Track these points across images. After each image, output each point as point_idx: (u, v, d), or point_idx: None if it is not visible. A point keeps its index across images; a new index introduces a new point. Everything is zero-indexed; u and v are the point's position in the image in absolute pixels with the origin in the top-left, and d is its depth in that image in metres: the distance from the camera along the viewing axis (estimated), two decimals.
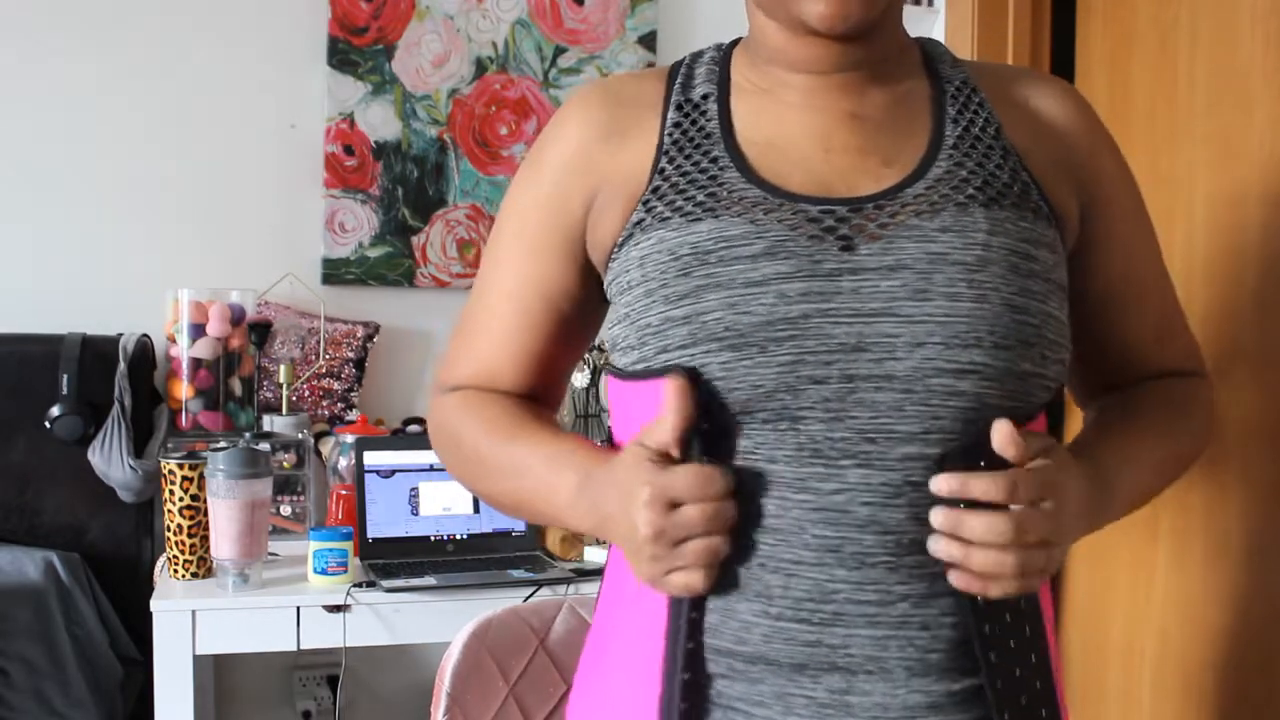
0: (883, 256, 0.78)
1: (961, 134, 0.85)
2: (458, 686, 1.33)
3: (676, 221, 0.82)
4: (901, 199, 0.81)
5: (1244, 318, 1.58)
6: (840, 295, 0.77)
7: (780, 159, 0.84)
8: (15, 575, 2.05)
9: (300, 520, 2.13)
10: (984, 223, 0.80)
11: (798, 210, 0.80)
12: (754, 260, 0.78)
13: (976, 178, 0.83)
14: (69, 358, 2.19)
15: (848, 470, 0.77)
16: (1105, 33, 1.86)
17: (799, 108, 0.87)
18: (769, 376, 0.76)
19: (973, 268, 0.78)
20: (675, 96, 0.89)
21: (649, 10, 2.68)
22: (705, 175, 0.83)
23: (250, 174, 2.49)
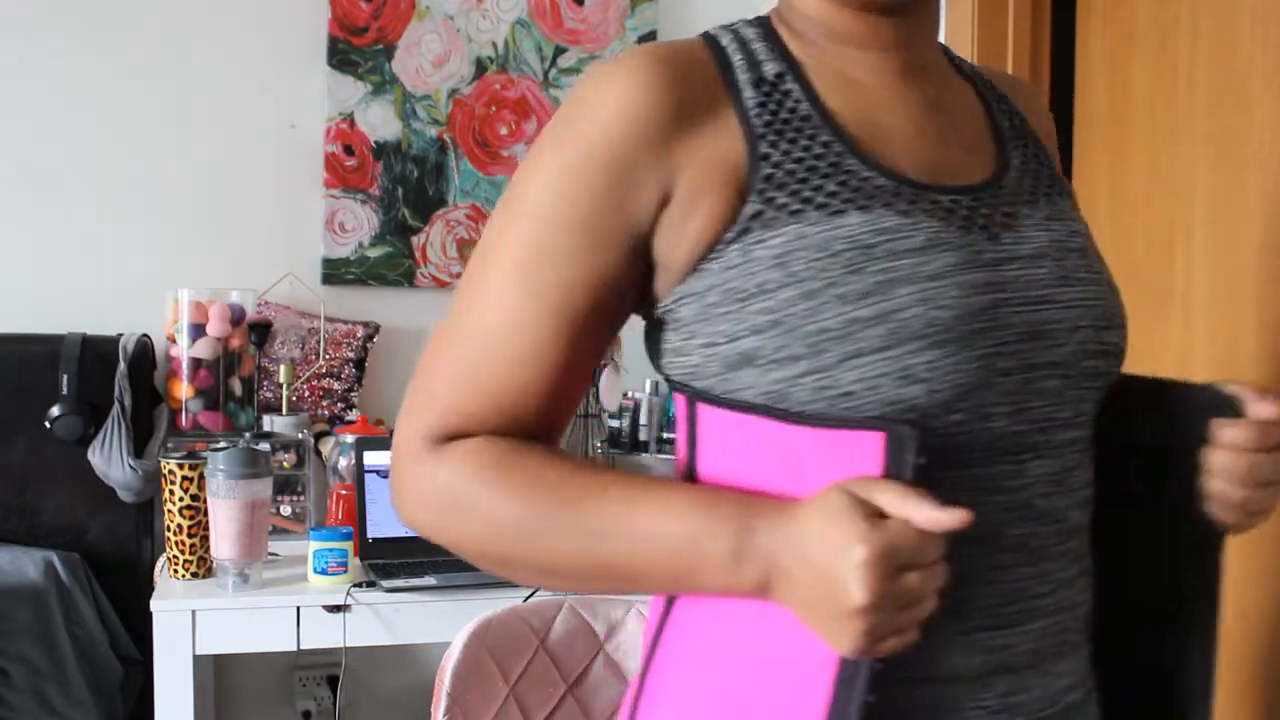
0: (1021, 245, 0.78)
1: (1007, 126, 0.87)
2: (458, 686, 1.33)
3: (813, 214, 0.74)
4: (1004, 189, 0.81)
5: (1244, 317, 1.58)
6: (1010, 285, 0.75)
7: (884, 145, 0.79)
8: (15, 575, 2.05)
9: (300, 520, 2.13)
10: (1070, 211, 0.84)
11: (934, 200, 0.76)
12: (922, 253, 0.73)
13: (1042, 170, 0.85)
14: (69, 358, 2.19)
15: (1029, 463, 0.75)
16: (1105, 33, 1.86)
17: (882, 89, 0.82)
18: (971, 372, 0.72)
19: (1086, 254, 0.81)
20: (744, 74, 0.80)
21: (649, 10, 2.68)
22: (824, 163, 0.76)
23: (250, 174, 2.49)
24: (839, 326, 0.71)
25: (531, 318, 0.77)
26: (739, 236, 0.75)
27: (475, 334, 0.79)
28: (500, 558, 0.79)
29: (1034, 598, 0.76)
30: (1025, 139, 0.87)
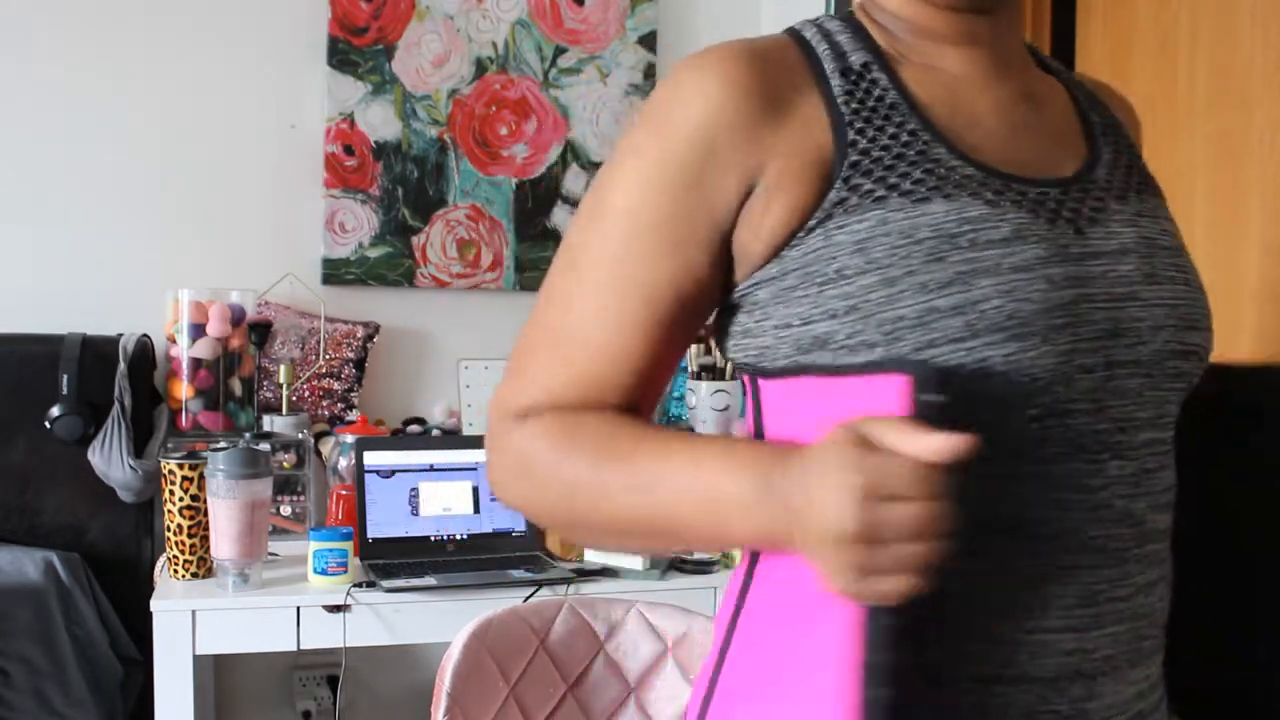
0: (1108, 240, 0.77)
1: (1097, 121, 0.86)
2: (458, 686, 1.33)
3: (897, 201, 0.73)
4: (1092, 183, 0.80)
5: (1244, 317, 1.58)
6: (1094, 280, 0.74)
7: (972, 134, 0.79)
8: (15, 575, 2.05)
9: (300, 520, 2.13)
10: (1162, 209, 0.83)
11: (1022, 191, 0.76)
12: (1008, 244, 0.72)
13: (1133, 166, 0.84)
14: (69, 358, 2.19)
15: (1107, 463, 0.74)
16: (1105, 33, 1.86)
17: (971, 81, 0.81)
18: (1049, 367, 0.72)
19: (1175, 252, 0.80)
20: (830, 64, 0.79)
21: (649, 10, 2.68)
22: (912, 150, 0.75)
23: (250, 174, 2.49)
24: (916, 315, 0.71)
25: (617, 315, 0.78)
26: (821, 222, 0.75)
27: (566, 325, 0.80)
28: (566, 519, 0.80)
29: (1112, 600, 0.74)
30: (1117, 135, 0.86)
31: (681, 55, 0.82)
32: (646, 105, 0.81)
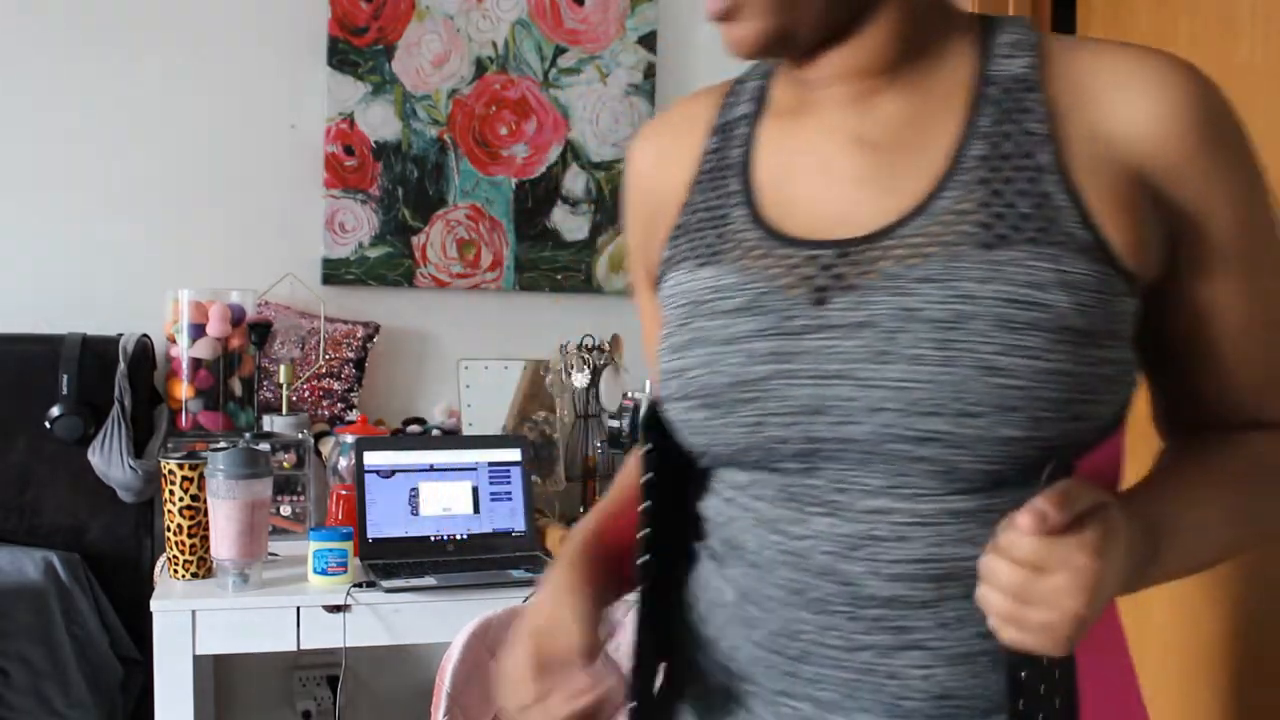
0: (852, 312, 0.73)
1: (987, 152, 0.74)
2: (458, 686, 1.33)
3: (689, 265, 0.82)
4: (892, 240, 0.74)
5: None
6: (803, 356, 0.74)
7: (788, 191, 0.80)
8: (15, 575, 2.05)
9: (300, 520, 2.13)
10: (975, 269, 0.71)
11: (787, 257, 0.77)
12: (732, 315, 0.77)
13: (985, 210, 0.72)
14: (69, 358, 2.19)
15: (815, 518, 0.75)
16: (1105, 33, 1.86)
17: (811, 129, 0.81)
18: (739, 435, 0.77)
19: (945, 325, 0.70)
20: (720, 117, 0.86)
21: (649, 10, 2.68)
22: (718, 213, 0.82)
23: (250, 174, 2.49)
24: (663, 373, 0.81)
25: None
26: (660, 277, 0.86)
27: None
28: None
29: (823, 646, 0.76)
30: (1008, 163, 0.74)
31: (681, 55, 0.88)
32: None
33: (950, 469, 0.72)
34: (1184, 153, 0.74)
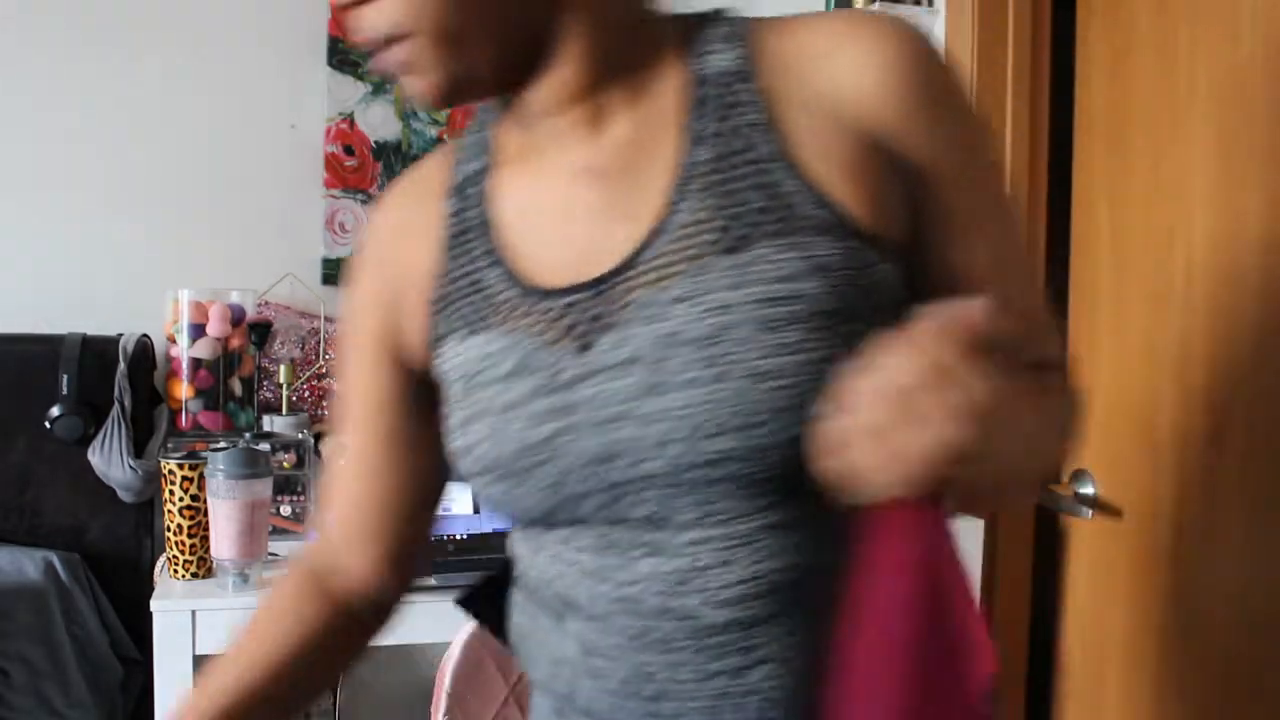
0: (616, 351, 0.71)
1: (712, 155, 0.72)
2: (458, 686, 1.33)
3: (458, 335, 0.78)
4: (639, 266, 0.71)
5: (1244, 318, 1.58)
6: (581, 406, 0.72)
7: (534, 240, 0.77)
8: (15, 575, 2.05)
9: (300, 520, 2.13)
10: (724, 277, 0.68)
11: (548, 310, 0.74)
12: (506, 381, 0.74)
13: (722, 214, 0.70)
14: (69, 358, 2.19)
15: (639, 561, 0.73)
16: (1105, 33, 1.86)
17: (541, 171, 0.78)
18: (541, 499, 0.75)
19: (708, 342, 0.68)
20: (454, 178, 0.82)
21: None
22: (472, 278, 0.78)
23: (250, 174, 2.49)
24: (453, 453, 0.79)
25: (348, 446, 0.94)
26: (434, 353, 0.82)
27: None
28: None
29: (678, 682, 0.74)
30: (736, 161, 0.71)
31: None
32: None
33: (751, 484, 0.70)
34: (903, 109, 0.72)
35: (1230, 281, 1.60)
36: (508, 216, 0.79)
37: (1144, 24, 1.76)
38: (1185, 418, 1.68)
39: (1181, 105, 1.68)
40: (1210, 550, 1.63)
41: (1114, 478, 1.83)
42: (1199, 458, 1.66)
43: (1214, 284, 1.63)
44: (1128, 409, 1.79)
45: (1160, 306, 1.72)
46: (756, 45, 0.74)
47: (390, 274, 0.84)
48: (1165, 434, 1.72)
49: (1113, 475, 1.83)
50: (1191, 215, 1.67)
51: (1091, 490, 1.86)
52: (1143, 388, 1.76)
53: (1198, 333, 1.65)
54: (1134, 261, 1.78)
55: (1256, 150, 1.55)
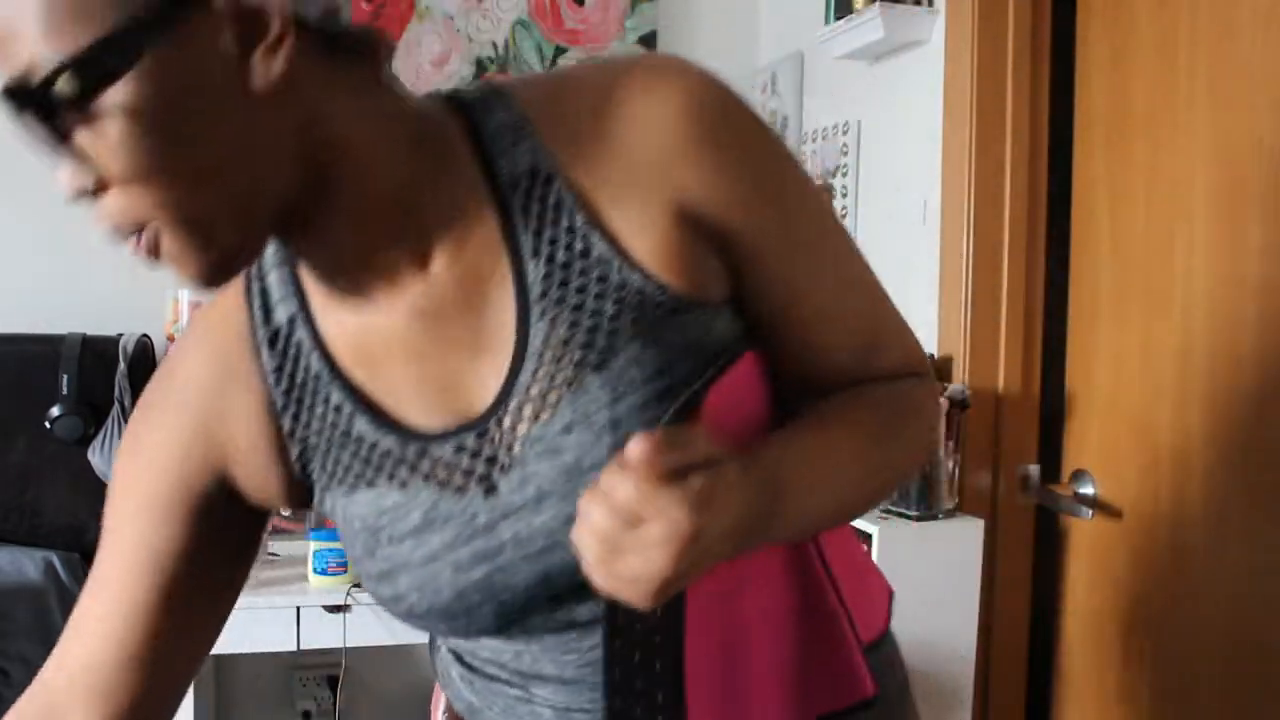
0: (524, 490, 0.71)
1: (545, 270, 0.70)
2: None
3: (338, 489, 0.76)
4: (514, 400, 0.70)
5: (1244, 316, 1.58)
6: (507, 546, 0.71)
7: (391, 387, 0.74)
8: (15, 575, 2.05)
9: (300, 520, 2.13)
10: (603, 393, 0.68)
11: (435, 458, 0.72)
12: (418, 535, 0.73)
13: (579, 329, 0.69)
14: (69, 358, 2.19)
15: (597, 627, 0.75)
16: (1105, 32, 1.86)
17: (375, 315, 0.72)
18: (486, 626, 0.75)
19: (614, 451, 0.66)
20: (260, 329, 0.75)
21: (649, 10, 2.68)
22: (338, 430, 0.74)
23: None
24: (375, 595, 0.78)
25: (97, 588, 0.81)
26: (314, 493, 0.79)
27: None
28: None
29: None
30: (571, 267, 0.70)
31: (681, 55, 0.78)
32: None
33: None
34: (691, 165, 0.70)
35: (1230, 281, 1.60)
36: (350, 364, 0.74)
37: (1144, 24, 1.76)
38: (1185, 418, 1.68)
39: (1181, 105, 1.68)
40: (1210, 550, 1.63)
41: (1114, 478, 1.83)
42: (1199, 458, 1.66)
43: (1214, 284, 1.63)
44: (1128, 409, 1.79)
45: (1160, 306, 1.72)
46: (543, 128, 0.71)
47: (203, 428, 0.76)
48: (1165, 434, 1.72)
49: (1113, 475, 1.83)
50: (1191, 215, 1.66)
51: (1091, 490, 1.86)
52: (1143, 388, 1.76)
53: (1198, 333, 1.65)
54: (1134, 261, 1.78)
55: (1256, 150, 1.55)
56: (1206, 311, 1.64)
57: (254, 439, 0.76)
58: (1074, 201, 1.93)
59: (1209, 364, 1.63)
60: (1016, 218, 1.95)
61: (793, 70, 2.59)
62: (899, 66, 2.20)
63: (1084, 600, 1.91)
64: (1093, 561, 1.88)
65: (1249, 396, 1.57)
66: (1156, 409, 1.73)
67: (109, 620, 0.78)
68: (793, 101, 2.59)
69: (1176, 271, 1.69)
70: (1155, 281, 1.73)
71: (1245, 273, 1.57)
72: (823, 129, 2.46)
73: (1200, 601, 1.65)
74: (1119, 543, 1.81)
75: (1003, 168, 1.95)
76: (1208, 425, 1.64)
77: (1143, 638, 1.76)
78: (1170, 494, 1.71)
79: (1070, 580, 1.94)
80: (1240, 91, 1.58)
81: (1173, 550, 1.71)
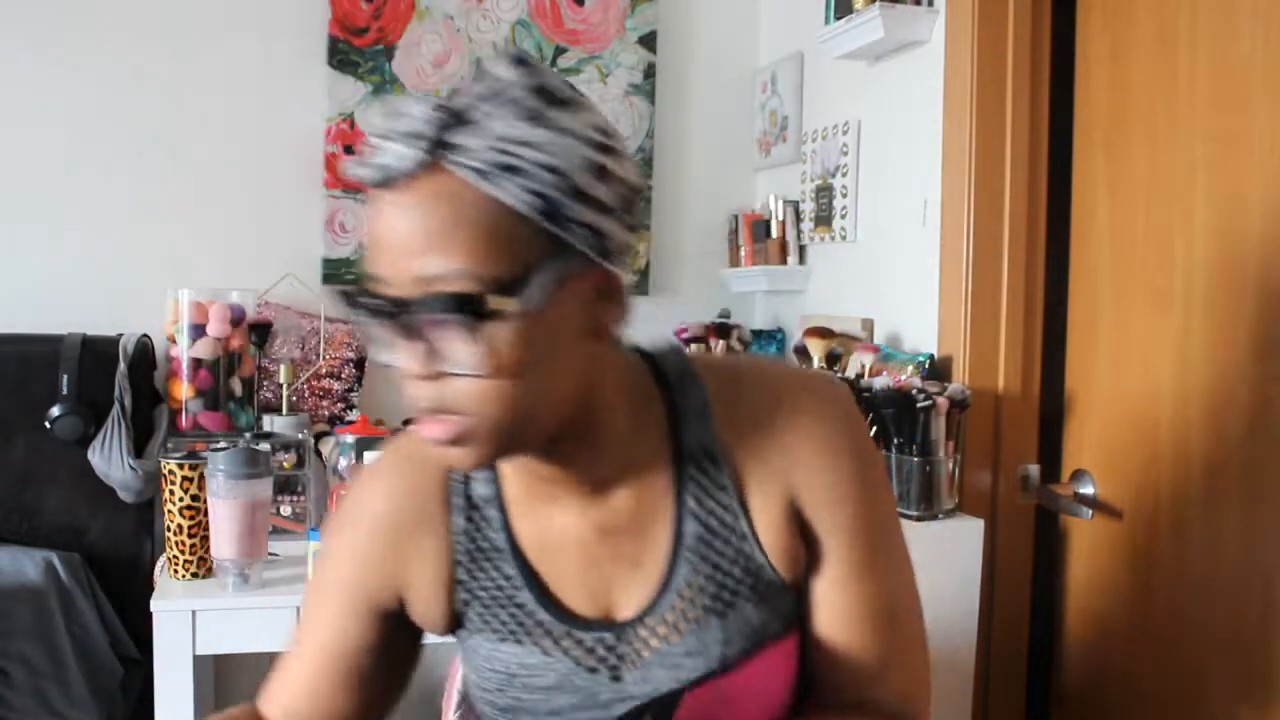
0: (642, 685, 0.90)
1: (699, 529, 0.89)
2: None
3: (489, 635, 0.92)
4: (652, 619, 0.90)
5: (1244, 317, 1.58)
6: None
7: (558, 573, 0.92)
8: (15, 575, 2.05)
9: (300, 520, 2.13)
10: (719, 633, 0.89)
11: (579, 640, 0.91)
12: (548, 692, 0.91)
13: (711, 583, 0.89)
14: (69, 358, 2.19)
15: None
16: (1105, 32, 1.86)
17: (561, 515, 0.91)
18: None
19: (710, 680, 0.88)
20: (457, 497, 0.93)
21: (649, 10, 2.68)
22: (503, 594, 0.92)
23: (250, 174, 2.49)
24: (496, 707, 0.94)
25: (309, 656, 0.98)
26: (460, 632, 0.96)
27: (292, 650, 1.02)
28: None
29: None
30: (718, 537, 0.89)
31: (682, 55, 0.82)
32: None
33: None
34: (821, 494, 0.90)
35: (1230, 281, 1.60)
36: (530, 546, 0.92)
37: (1144, 23, 1.76)
38: (1185, 417, 1.68)
39: (1181, 105, 1.68)
40: (1210, 550, 1.63)
41: (1114, 478, 1.83)
42: (1199, 458, 1.66)
43: (1214, 284, 1.63)
44: (1128, 409, 1.79)
45: (1160, 306, 1.72)
46: (720, 416, 0.90)
47: (391, 554, 0.94)
48: (1165, 434, 1.72)
49: (1113, 475, 1.83)
50: (1191, 214, 1.67)
51: (1091, 490, 1.86)
52: (1143, 388, 1.76)
53: (1198, 332, 1.65)
54: (1134, 261, 1.78)
55: (1256, 150, 1.55)
56: (1206, 311, 1.64)
57: (429, 579, 0.93)
58: (1074, 201, 1.93)
59: (1209, 364, 1.63)
60: (1016, 218, 1.95)
61: (793, 70, 2.59)
62: (899, 66, 2.20)
63: (1084, 600, 1.91)
64: (1093, 561, 1.88)
65: (1249, 396, 1.57)
66: (1156, 409, 1.73)
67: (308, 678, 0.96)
68: (793, 101, 2.59)
69: (1176, 271, 1.69)
70: (1155, 281, 1.73)
71: (1245, 272, 1.57)
72: (823, 129, 2.46)
73: (1200, 601, 1.65)
74: (1119, 543, 1.81)
75: (1003, 168, 1.95)
76: (1207, 425, 1.64)
77: (1143, 638, 1.76)
78: (1170, 494, 1.71)
79: (1070, 580, 1.94)
80: (1240, 91, 1.58)
81: (1173, 550, 1.71)
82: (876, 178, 2.29)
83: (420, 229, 0.74)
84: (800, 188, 2.54)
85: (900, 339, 2.18)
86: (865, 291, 2.31)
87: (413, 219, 0.74)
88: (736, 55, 2.78)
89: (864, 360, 2.09)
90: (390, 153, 0.74)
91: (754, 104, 2.77)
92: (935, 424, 1.82)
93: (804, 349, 2.20)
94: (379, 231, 0.76)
